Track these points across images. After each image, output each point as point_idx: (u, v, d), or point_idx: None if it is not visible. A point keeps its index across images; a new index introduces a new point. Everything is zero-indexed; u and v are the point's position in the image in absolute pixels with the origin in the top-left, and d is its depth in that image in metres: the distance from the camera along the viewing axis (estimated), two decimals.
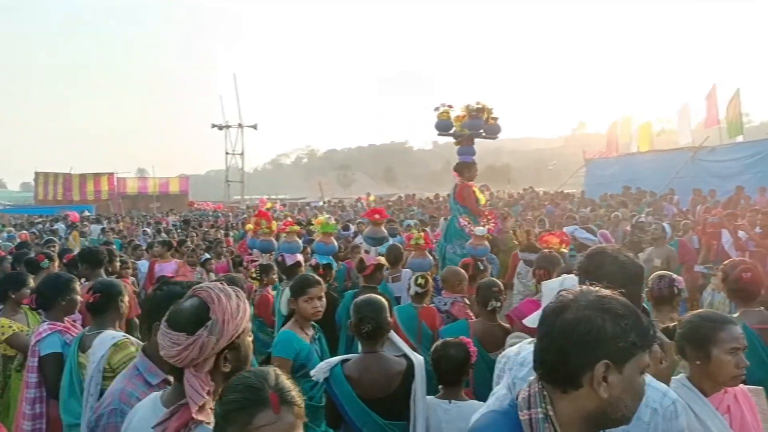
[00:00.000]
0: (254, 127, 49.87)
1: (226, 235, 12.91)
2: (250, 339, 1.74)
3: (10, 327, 3.74)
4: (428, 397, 2.98)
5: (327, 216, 6.30)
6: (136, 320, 5.85)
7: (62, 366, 3.15)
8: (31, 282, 4.19)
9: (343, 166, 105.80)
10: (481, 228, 5.54)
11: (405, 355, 2.85)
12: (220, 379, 1.63)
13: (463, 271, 4.68)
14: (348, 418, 2.74)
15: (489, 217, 5.81)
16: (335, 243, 5.61)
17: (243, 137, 49.68)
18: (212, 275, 8.12)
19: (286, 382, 1.44)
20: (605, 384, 1.28)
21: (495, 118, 6.69)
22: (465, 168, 6.70)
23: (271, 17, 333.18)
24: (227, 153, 49.76)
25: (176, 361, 1.60)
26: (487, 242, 5.60)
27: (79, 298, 3.40)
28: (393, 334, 2.99)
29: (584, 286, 1.42)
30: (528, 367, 1.90)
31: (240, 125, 49.35)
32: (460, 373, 2.91)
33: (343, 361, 2.83)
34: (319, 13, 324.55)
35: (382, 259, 4.96)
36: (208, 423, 1.53)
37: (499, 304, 3.83)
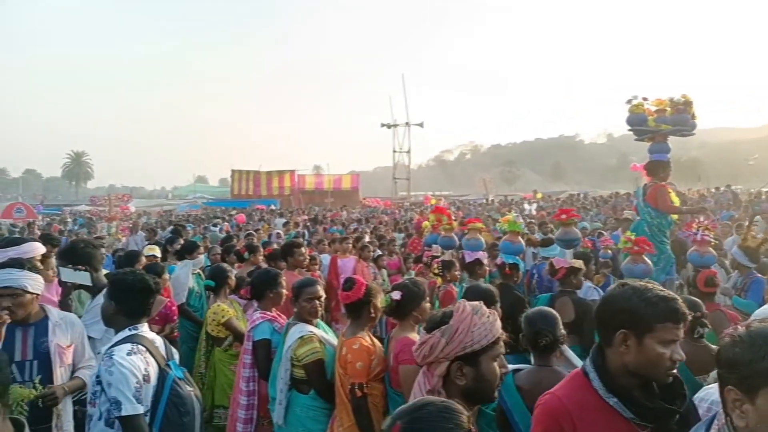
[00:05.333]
0: (420, 125, 51.12)
1: (394, 231, 13.40)
2: (497, 367, 1.77)
3: (227, 311, 4.31)
4: None
5: (515, 215, 6.09)
6: None
7: (269, 351, 3.55)
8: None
9: (508, 161, 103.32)
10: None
11: None
12: (454, 391, 1.70)
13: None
14: (518, 429, 2.69)
15: (705, 224, 5.13)
16: (522, 242, 5.36)
17: (410, 135, 51.18)
18: (384, 272, 8.48)
19: (429, 416, 1.27)
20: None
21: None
22: (660, 167, 6.11)
23: (433, 17, 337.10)
24: (395, 151, 51.64)
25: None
26: (712, 249, 4.95)
27: (284, 291, 3.80)
28: (567, 350, 2.86)
29: None
30: None
31: (407, 123, 50.88)
32: None
33: (515, 371, 2.78)
34: (479, 10, 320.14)
35: (577, 263, 4.58)
36: None
37: (706, 330, 3.31)
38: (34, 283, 2.99)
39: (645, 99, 6.25)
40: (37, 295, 3.03)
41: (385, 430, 1.29)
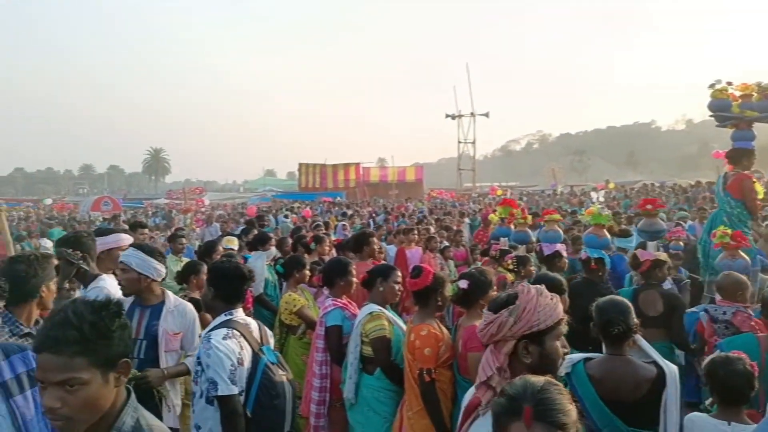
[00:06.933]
0: (486, 115, 50.28)
1: (459, 222, 13.35)
2: (560, 347, 1.84)
3: (299, 300, 4.50)
4: (700, 414, 2.74)
5: (599, 206, 5.88)
6: None
7: (341, 337, 3.70)
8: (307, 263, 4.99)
9: (578, 151, 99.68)
10: None
11: (655, 363, 2.68)
12: (520, 368, 1.77)
13: (744, 278, 4.01)
14: (589, 418, 2.67)
15: None
16: (608, 236, 5.16)
17: (475, 126, 50.47)
18: (451, 263, 8.48)
19: (553, 396, 1.36)
20: None
21: None
22: (743, 155, 5.77)
23: (497, 4, 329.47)
24: (459, 142, 51.10)
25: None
26: None
27: (354, 280, 3.94)
28: (641, 340, 2.81)
29: None
30: None
31: (472, 114, 50.17)
32: (749, 391, 2.61)
33: (586, 360, 2.77)
34: None
35: (662, 255, 4.45)
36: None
37: None
38: (140, 263, 3.22)
39: (729, 83, 5.91)
40: (147, 277, 3.25)
41: (506, 412, 1.37)
